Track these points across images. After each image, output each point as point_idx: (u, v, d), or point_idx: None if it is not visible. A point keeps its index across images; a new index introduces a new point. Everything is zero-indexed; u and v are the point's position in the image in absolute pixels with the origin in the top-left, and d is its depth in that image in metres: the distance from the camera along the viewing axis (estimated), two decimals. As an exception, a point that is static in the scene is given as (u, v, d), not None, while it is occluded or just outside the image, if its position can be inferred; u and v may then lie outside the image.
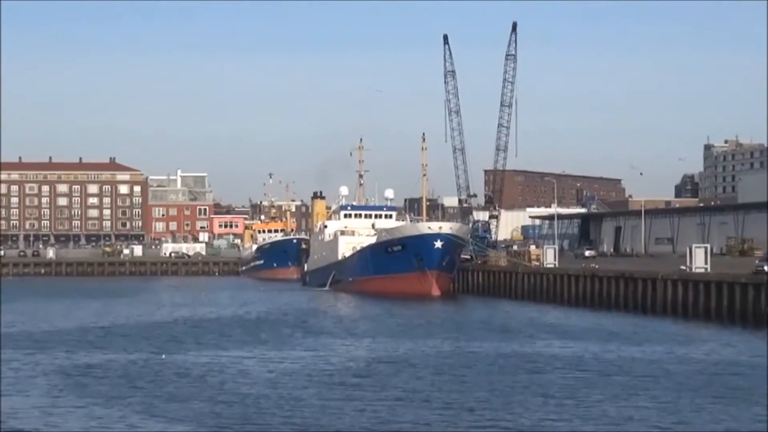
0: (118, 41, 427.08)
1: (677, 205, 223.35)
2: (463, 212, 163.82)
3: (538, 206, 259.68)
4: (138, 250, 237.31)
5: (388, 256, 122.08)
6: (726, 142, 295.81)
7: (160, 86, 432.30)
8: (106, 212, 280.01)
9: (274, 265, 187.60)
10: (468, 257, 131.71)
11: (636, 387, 46.29)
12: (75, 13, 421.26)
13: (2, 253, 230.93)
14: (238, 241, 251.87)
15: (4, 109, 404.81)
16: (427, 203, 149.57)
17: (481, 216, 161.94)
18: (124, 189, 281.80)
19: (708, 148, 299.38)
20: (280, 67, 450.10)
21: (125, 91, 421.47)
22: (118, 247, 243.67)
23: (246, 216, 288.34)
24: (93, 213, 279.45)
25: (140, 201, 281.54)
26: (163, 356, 58.77)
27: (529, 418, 38.83)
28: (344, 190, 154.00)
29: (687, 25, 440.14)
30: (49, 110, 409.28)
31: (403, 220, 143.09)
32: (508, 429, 36.86)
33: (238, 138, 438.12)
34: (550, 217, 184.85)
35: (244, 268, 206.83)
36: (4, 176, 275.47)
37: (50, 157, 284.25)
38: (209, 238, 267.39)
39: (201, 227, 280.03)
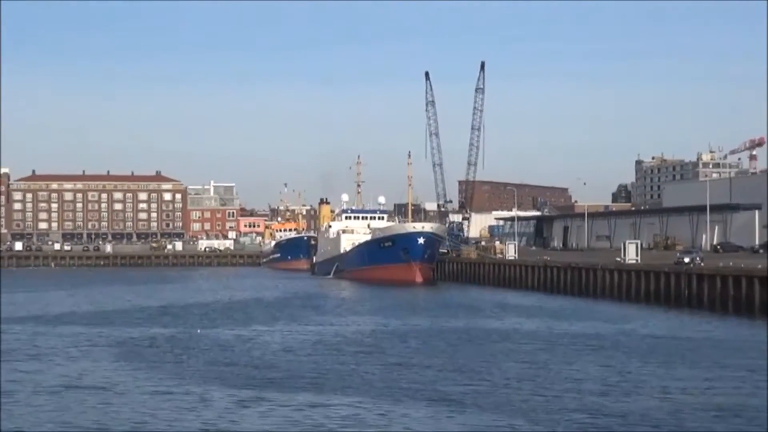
0: (163, 76, 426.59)
1: (614, 209, 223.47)
2: (441, 215, 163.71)
3: (502, 210, 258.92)
4: (179, 245, 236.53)
5: (380, 250, 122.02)
6: (653, 158, 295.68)
7: (197, 113, 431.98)
8: (153, 215, 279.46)
9: (289, 257, 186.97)
10: (445, 251, 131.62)
11: (584, 353, 46.37)
12: (129, 52, 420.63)
13: (69, 247, 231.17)
14: (259, 238, 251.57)
15: (69, 133, 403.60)
16: (412, 207, 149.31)
17: (456, 218, 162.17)
18: (167, 196, 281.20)
19: (639, 162, 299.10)
20: (295, 97, 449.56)
21: (169, 117, 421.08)
22: (163, 243, 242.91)
23: (266, 218, 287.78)
24: (142, 216, 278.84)
25: (181, 206, 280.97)
26: (199, 330, 58.66)
27: (501, 377, 38.84)
28: (345, 197, 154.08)
29: (620, 62, 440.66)
30: (107, 132, 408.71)
31: (392, 221, 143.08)
32: (486, 385, 36.84)
33: (260, 155, 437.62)
34: (511, 219, 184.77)
35: (264, 260, 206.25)
36: (70, 185, 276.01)
37: (108, 171, 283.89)
38: (236, 235, 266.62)
39: (230, 227, 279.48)
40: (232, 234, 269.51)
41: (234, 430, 28.97)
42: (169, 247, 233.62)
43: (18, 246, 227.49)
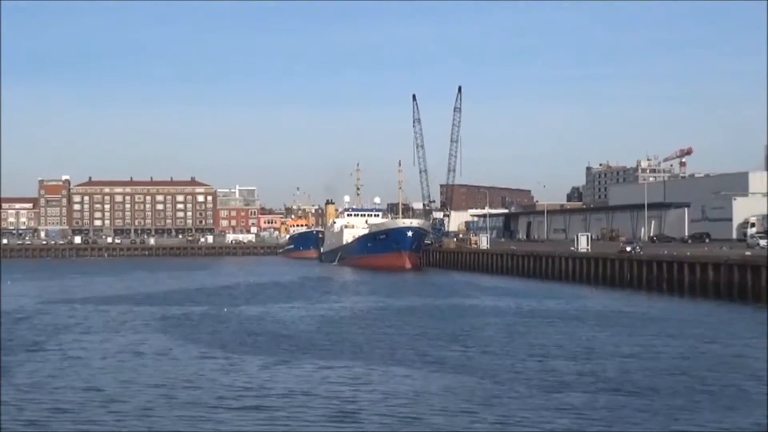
0: (198, 98, 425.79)
1: (568, 207, 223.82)
2: (426, 212, 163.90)
3: (476, 208, 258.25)
4: (210, 238, 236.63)
5: (376, 242, 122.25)
6: (600, 164, 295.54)
7: (226, 129, 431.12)
8: (189, 213, 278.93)
9: (301, 248, 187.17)
10: (429, 242, 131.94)
11: (547, 324, 46.51)
12: (170, 79, 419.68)
13: (120, 241, 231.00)
14: (276, 232, 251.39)
15: (120, 146, 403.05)
16: (402, 206, 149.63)
17: (438, 215, 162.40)
18: (200, 198, 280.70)
19: (589, 168, 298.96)
20: (306, 115, 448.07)
21: (203, 132, 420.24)
22: (197, 237, 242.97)
23: (282, 215, 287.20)
24: (180, 214, 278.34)
25: (211, 206, 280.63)
26: (225, 309, 58.45)
27: (483, 345, 38.83)
28: (347, 198, 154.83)
29: (574, 85, 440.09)
30: (151, 144, 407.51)
31: (386, 218, 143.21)
32: (470, 350, 36.95)
33: (277, 163, 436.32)
34: (484, 215, 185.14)
35: (280, 250, 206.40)
36: (120, 189, 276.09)
37: (151, 177, 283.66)
38: (257, 230, 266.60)
39: (252, 223, 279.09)
40: (253, 229, 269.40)
41: (268, 388, 29.02)
42: (202, 240, 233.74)
43: (77, 240, 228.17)
